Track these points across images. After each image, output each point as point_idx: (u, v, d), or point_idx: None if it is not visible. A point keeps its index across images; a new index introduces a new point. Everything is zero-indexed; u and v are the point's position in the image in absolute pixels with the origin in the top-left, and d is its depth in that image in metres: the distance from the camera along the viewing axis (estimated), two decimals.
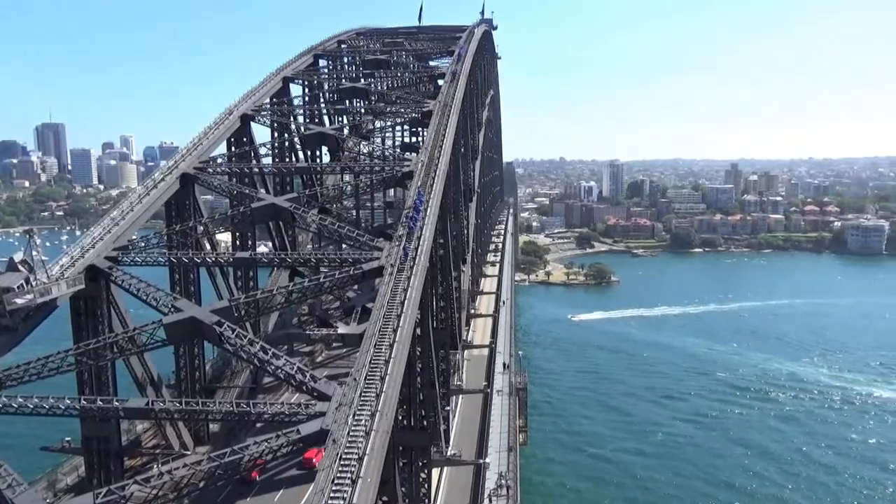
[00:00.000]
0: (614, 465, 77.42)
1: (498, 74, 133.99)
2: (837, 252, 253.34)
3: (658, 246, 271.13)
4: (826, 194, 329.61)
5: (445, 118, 47.09)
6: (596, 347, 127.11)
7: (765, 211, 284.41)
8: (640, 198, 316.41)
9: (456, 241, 50.32)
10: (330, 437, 18.53)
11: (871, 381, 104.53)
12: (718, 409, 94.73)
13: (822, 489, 71.92)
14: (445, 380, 40.71)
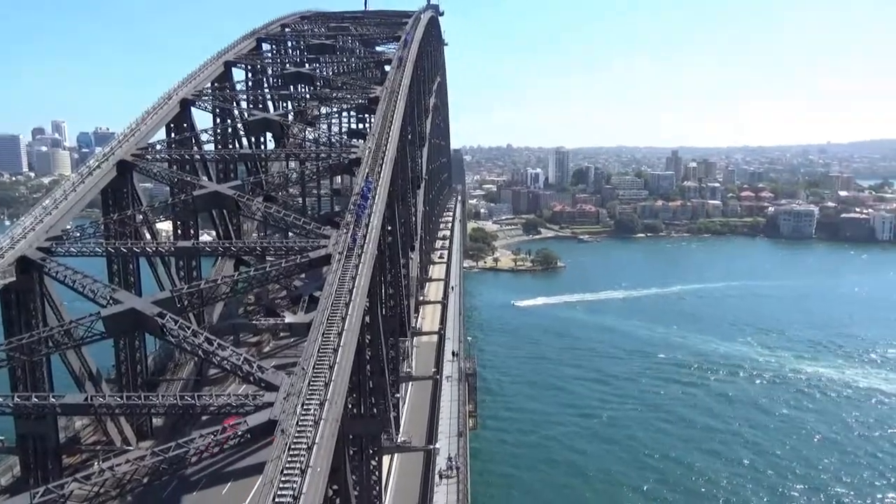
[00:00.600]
0: (563, 446, 79.17)
1: (445, 61, 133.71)
2: (771, 236, 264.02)
3: (603, 231, 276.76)
4: (761, 181, 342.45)
5: (392, 105, 46.78)
6: (543, 332, 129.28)
7: (704, 197, 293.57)
8: (586, 184, 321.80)
9: (404, 229, 50.24)
10: (278, 427, 18.36)
11: (800, 358, 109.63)
12: (661, 388, 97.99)
13: (753, 458, 75.23)
14: (395, 367, 40.79)
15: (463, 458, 41.72)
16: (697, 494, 68.05)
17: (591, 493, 68.41)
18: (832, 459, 75.10)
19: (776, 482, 70.34)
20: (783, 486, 69.48)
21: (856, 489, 68.75)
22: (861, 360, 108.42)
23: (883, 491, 68.48)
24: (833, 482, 70.21)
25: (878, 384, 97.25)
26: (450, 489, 39.35)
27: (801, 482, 70.25)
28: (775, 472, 72.40)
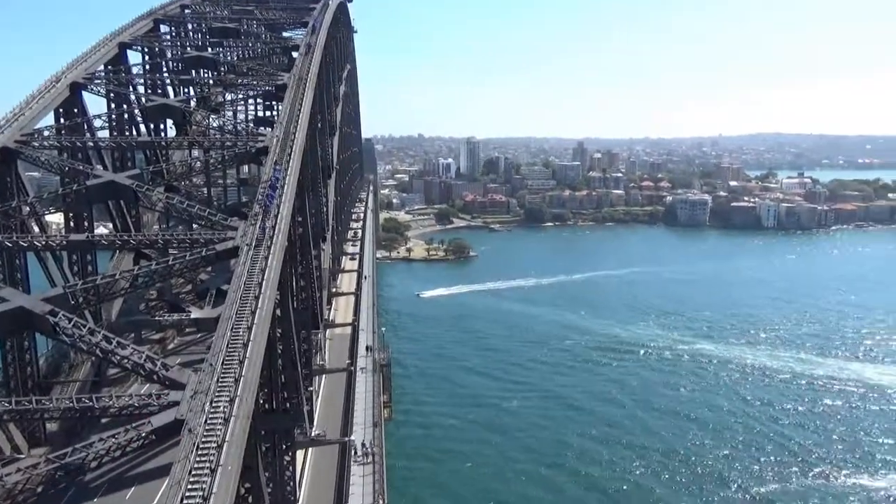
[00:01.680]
0: (475, 432, 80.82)
1: (355, 48, 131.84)
2: (669, 224, 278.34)
3: (513, 221, 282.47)
4: (659, 171, 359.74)
5: (301, 92, 45.64)
6: (456, 320, 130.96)
7: (608, 187, 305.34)
8: (496, 174, 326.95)
9: (315, 219, 49.31)
10: (185, 426, 17.64)
11: (697, 338, 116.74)
12: (569, 372, 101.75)
13: (657, 430, 79.72)
14: (308, 360, 40.09)
15: (379, 448, 41.69)
16: (597, 478, 71.00)
17: (500, 480, 70.12)
18: (719, 429, 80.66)
19: (667, 458, 74.69)
20: (672, 458, 73.91)
21: (741, 457, 74.08)
22: (749, 339, 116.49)
23: (769, 454, 74.23)
24: (717, 449, 75.38)
25: (764, 360, 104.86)
26: (366, 481, 39.25)
27: (692, 454, 74.90)
28: (667, 447, 76.83)
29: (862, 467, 71.52)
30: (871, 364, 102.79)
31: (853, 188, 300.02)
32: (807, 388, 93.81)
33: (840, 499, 65.63)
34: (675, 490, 67.42)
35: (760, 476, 70.00)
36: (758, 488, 67.63)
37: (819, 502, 65.13)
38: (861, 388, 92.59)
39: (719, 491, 67.26)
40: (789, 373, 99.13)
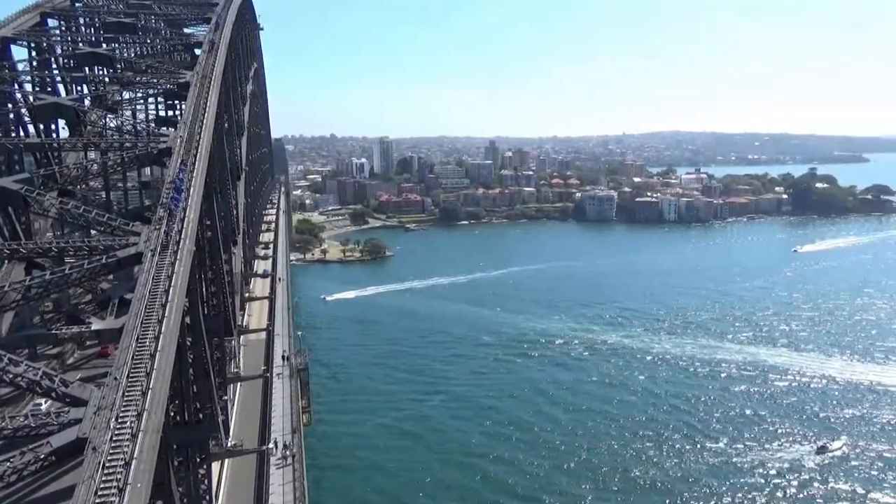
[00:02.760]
0: (398, 430, 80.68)
1: (261, 46, 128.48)
2: (579, 220, 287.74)
3: (428, 220, 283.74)
4: (568, 169, 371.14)
5: (205, 91, 43.98)
6: (374, 321, 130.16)
7: (519, 184, 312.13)
8: (410, 174, 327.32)
9: (224, 222, 47.71)
10: (89, 445, 16.63)
11: (606, 330, 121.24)
12: (488, 366, 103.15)
13: (569, 423, 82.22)
14: (221, 368, 38.76)
15: (299, 454, 40.86)
16: (507, 473, 72.38)
17: (420, 481, 70.18)
18: (629, 417, 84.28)
19: (580, 449, 77.25)
20: (584, 450, 76.63)
21: (649, 439, 77.72)
22: (655, 328, 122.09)
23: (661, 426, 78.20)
24: (628, 435, 78.80)
25: (668, 347, 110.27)
26: (286, 489, 38.36)
27: (606, 445, 77.85)
28: (579, 439, 79.36)
29: (761, 443, 76.50)
30: (763, 347, 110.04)
31: (744, 182, 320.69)
32: (708, 371, 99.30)
33: (745, 474, 69.83)
34: (585, 483, 69.50)
35: (663, 457, 73.51)
36: (661, 469, 71.00)
37: (724, 479, 68.97)
38: (756, 370, 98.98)
39: (629, 479, 70.03)
40: (691, 358, 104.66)
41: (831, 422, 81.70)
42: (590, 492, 66.72)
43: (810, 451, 73.74)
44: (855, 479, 68.55)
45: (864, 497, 65.63)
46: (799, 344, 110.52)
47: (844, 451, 73.91)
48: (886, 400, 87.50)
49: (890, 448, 74.90)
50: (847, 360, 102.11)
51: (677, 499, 65.26)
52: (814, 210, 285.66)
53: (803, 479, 68.88)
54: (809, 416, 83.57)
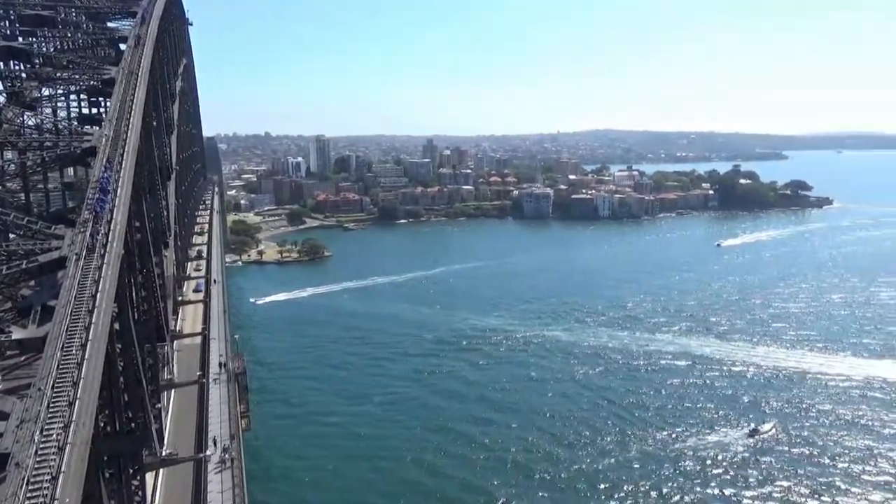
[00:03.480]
0: (340, 431, 79.85)
1: (191, 42, 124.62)
2: (517, 217, 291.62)
3: (367, 219, 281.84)
4: (506, 167, 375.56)
5: (132, 87, 42.34)
6: (313, 322, 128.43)
7: (458, 183, 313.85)
8: (348, 173, 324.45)
9: (154, 224, 46.11)
10: (11, 460, 15.77)
11: (545, 325, 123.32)
12: (429, 364, 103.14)
13: (510, 411, 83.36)
14: (154, 375, 37.44)
15: (238, 461, 39.90)
16: (464, 468, 72.94)
17: (363, 483, 69.82)
18: (557, 400, 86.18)
19: (518, 433, 78.66)
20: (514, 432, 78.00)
21: (571, 417, 79.66)
22: (591, 322, 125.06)
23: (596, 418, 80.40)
24: (546, 415, 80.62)
25: (604, 340, 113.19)
26: (225, 497, 37.40)
27: (542, 435, 79.37)
28: (518, 433, 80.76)
29: (696, 429, 79.44)
30: (694, 337, 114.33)
31: (674, 179, 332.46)
32: (643, 362, 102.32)
33: (682, 459, 72.39)
34: (523, 478, 70.56)
35: (600, 448, 75.44)
36: (598, 459, 72.85)
37: (661, 465, 71.29)
38: (688, 359, 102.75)
39: (567, 471, 71.54)
40: (626, 350, 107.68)
41: (761, 406, 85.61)
42: (528, 486, 67.68)
43: (743, 435, 77.32)
44: (784, 458, 72.36)
45: (793, 472, 69.32)
46: (726, 334, 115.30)
47: (774, 433, 77.96)
48: (809, 383, 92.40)
49: (814, 427, 79.43)
50: (771, 348, 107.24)
51: (615, 488, 66.96)
52: (738, 205, 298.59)
53: (737, 460, 72.08)
54: (740, 402, 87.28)
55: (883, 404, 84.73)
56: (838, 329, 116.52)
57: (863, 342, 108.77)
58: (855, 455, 72.60)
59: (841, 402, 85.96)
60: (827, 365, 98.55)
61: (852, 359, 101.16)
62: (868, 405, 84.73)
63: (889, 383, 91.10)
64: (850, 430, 78.45)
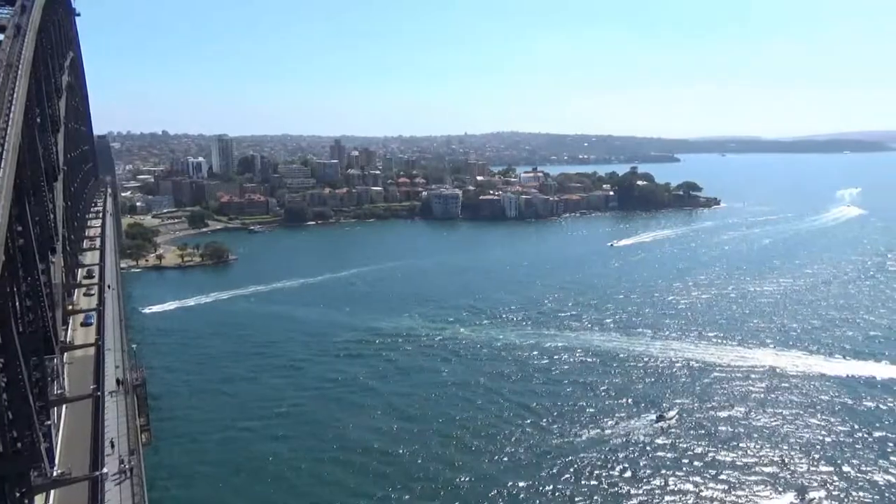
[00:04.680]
0: (244, 441, 77.43)
1: (78, 34, 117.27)
2: (426, 218, 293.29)
3: (273, 221, 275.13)
4: (414, 168, 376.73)
5: (11, 81, 39.29)
6: (217, 329, 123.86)
7: (367, 184, 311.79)
8: (253, 173, 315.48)
9: (40, 228, 43.07)
10: None
11: (455, 325, 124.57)
12: (338, 369, 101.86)
13: (417, 412, 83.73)
14: (42, 391, 34.94)
15: (138, 478, 37.84)
16: (370, 473, 72.38)
17: (269, 491, 68.16)
18: (466, 402, 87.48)
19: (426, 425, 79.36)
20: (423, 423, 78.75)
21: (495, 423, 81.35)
22: (498, 320, 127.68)
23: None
24: (454, 404, 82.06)
25: (513, 338, 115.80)
26: None
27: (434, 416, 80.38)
28: (423, 432, 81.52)
29: (607, 418, 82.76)
30: (596, 333, 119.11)
31: (576, 180, 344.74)
32: (549, 358, 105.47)
33: (593, 446, 75.11)
34: (429, 478, 71.11)
35: (509, 444, 77.26)
36: (508, 455, 74.56)
37: (572, 455, 73.70)
38: (592, 354, 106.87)
39: (474, 469, 72.73)
40: (533, 347, 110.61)
41: (664, 394, 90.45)
42: (438, 486, 68.23)
43: (651, 421, 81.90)
44: (689, 438, 77.76)
45: (696, 451, 74.21)
46: (627, 329, 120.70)
47: (679, 417, 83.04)
48: (705, 372, 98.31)
49: (712, 410, 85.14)
50: (668, 341, 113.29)
51: (530, 480, 68.57)
52: (636, 205, 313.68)
53: (648, 443, 76.60)
54: (645, 392, 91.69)
55: (767, 389, 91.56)
56: (726, 322, 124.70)
57: (747, 333, 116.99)
58: (746, 433, 78.70)
59: (732, 388, 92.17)
60: (718, 355, 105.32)
61: (740, 349, 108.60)
62: (754, 390, 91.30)
63: (770, 370, 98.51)
64: (741, 411, 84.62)
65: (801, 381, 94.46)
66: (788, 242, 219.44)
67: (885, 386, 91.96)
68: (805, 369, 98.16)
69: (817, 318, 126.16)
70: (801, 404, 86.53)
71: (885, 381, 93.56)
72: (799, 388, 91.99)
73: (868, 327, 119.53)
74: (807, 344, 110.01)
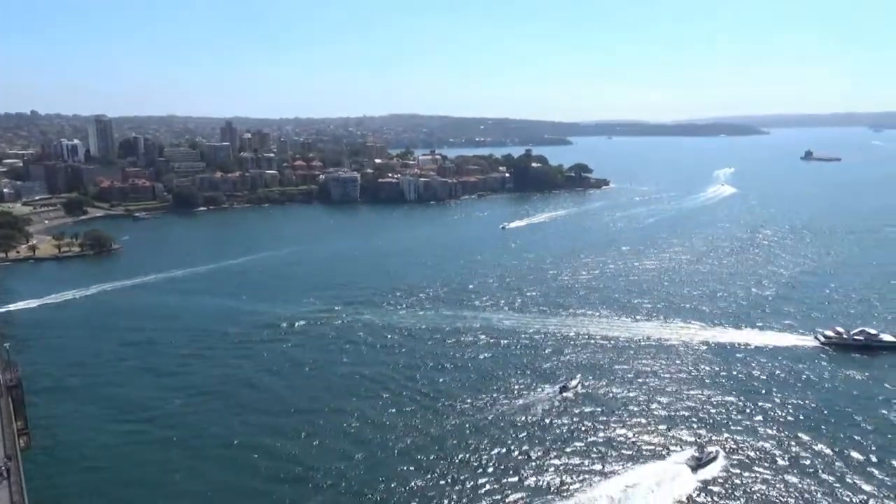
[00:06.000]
0: (137, 440, 73.87)
1: None
2: (324, 202, 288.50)
3: (161, 207, 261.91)
4: (311, 151, 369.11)
5: None
6: (101, 324, 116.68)
7: (261, 167, 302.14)
8: (136, 157, 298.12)
9: None
10: None
11: (353, 308, 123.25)
12: (227, 363, 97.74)
13: (319, 395, 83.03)
14: None
15: (17, 485, 35.32)
16: (279, 460, 71.14)
17: (162, 488, 65.65)
18: (371, 386, 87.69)
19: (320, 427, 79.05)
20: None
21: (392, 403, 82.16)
22: (400, 303, 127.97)
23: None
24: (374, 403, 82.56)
25: (412, 321, 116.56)
26: None
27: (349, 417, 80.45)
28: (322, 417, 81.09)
29: (513, 392, 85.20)
30: (493, 312, 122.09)
31: (474, 163, 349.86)
32: (452, 338, 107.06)
33: (501, 418, 77.21)
34: (331, 460, 70.96)
35: (419, 422, 78.15)
36: (419, 433, 75.45)
37: (479, 429, 75.42)
38: (492, 332, 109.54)
39: (380, 450, 73.20)
40: (434, 328, 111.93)
41: (566, 366, 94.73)
42: (345, 468, 68.05)
43: (556, 391, 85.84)
44: (590, 403, 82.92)
45: (594, 415, 79.47)
46: (522, 308, 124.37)
47: (580, 386, 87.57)
48: (599, 343, 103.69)
49: (609, 377, 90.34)
50: (562, 317, 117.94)
51: (438, 458, 69.62)
52: (532, 186, 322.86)
53: (554, 409, 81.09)
54: (547, 364, 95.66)
55: (653, 357, 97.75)
56: (617, 297, 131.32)
57: (634, 307, 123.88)
58: (638, 395, 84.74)
59: (625, 357, 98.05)
60: (610, 328, 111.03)
61: (630, 322, 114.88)
62: (642, 358, 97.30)
63: (655, 340, 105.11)
64: (634, 377, 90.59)
65: (684, 348, 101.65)
66: (671, 220, 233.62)
67: (757, 349, 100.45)
68: (687, 339, 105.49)
69: (697, 290, 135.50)
70: (684, 369, 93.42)
71: (757, 346, 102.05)
72: (682, 354, 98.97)
73: (741, 297, 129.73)
74: (684, 315, 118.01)
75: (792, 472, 66.10)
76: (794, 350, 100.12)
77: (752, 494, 62.84)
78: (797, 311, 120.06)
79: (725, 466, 67.19)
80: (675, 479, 64.87)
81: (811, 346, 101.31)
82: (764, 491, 63.29)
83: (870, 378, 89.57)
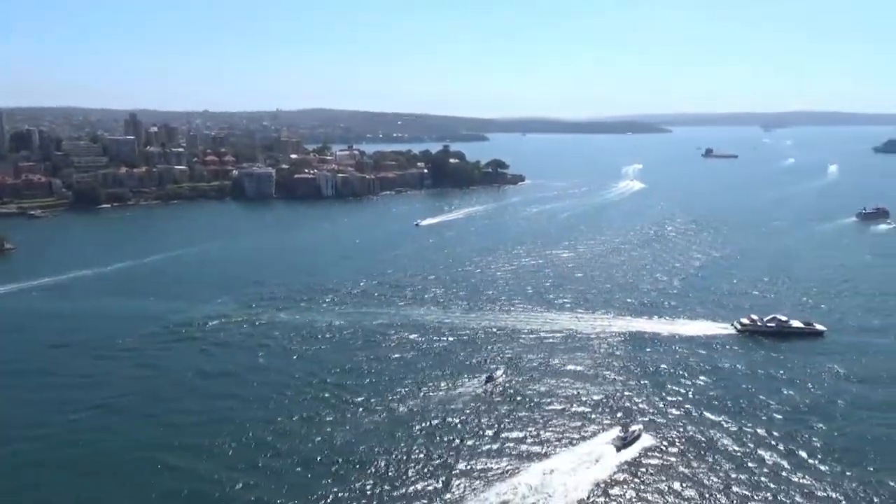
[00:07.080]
0: (42, 455, 69.29)
1: None
2: (237, 198, 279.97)
3: (59, 204, 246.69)
4: (223, 145, 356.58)
5: None
6: None
7: (169, 162, 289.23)
8: (30, 151, 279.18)
9: None
10: None
11: (267, 308, 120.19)
12: (132, 376, 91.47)
13: (234, 398, 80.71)
14: None
15: None
16: (191, 467, 68.93)
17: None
18: (289, 386, 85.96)
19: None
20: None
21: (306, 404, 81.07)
22: (317, 301, 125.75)
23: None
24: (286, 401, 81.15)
25: (331, 318, 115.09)
26: None
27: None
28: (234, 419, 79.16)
29: (440, 385, 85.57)
30: (415, 308, 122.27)
31: (392, 158, 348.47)
32: (372, 335, 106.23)
33: (428, 412, 77.16)
34: (245, 464, 69.43)
35: (337, 421, 77.30)
36: (337, 432, 74.63)
37: (405, 423, 75.33)
38: (414, 329, 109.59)
39: (301, 452, 72.07)
40: (355, 325, 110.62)
41: (490, 359, 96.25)
42: (255, 482, 66.56)
43: (482, 382, 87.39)
44: (515, 392, 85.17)
45: (520, 402, 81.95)
46: (443, 303, 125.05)
47: (505, 376, 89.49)
48: (520, 336, 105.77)
49: (531, 368, 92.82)
50: (482, 312, 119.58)
51: (366, 456, 69.06)
52: (449, 182, 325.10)
53: (480, 399, 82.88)
54: (472, 357, 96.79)
55: (572, 349, 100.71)
56: (532, 290, 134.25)
57: (552, 300, 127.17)
58: (561, 383, 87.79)
59: (546, 347, 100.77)
60: (528, 321, 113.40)
61: (546, 314, 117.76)
62: (561, 350, 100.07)
63: (572, 331, 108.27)
64: (557, 366, 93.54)
65: (597, 338, 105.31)
66: (584, 215, 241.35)
67: (677, 337, 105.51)
68: (601, 330, 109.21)
69: (609, 283, 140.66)
70: (600, 357, 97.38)
71: (677, 334, 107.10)
72: (597, 344, 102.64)
73: (649, 289, 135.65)
74: (600, 306, 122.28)
75: (709, 450, 70.72)
76: (713, 338, 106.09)
77: (669, 470, 66.87)
78: (709, 299, 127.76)
79: (647, 446, 70.99)
80: (599, 461, 67.83)
81: (727, 334, 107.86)
82: (681, 467, 67.27)
83: (778, 362, 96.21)
